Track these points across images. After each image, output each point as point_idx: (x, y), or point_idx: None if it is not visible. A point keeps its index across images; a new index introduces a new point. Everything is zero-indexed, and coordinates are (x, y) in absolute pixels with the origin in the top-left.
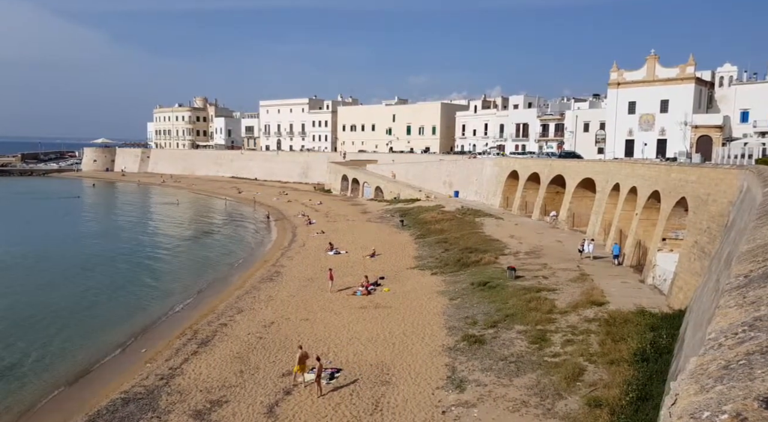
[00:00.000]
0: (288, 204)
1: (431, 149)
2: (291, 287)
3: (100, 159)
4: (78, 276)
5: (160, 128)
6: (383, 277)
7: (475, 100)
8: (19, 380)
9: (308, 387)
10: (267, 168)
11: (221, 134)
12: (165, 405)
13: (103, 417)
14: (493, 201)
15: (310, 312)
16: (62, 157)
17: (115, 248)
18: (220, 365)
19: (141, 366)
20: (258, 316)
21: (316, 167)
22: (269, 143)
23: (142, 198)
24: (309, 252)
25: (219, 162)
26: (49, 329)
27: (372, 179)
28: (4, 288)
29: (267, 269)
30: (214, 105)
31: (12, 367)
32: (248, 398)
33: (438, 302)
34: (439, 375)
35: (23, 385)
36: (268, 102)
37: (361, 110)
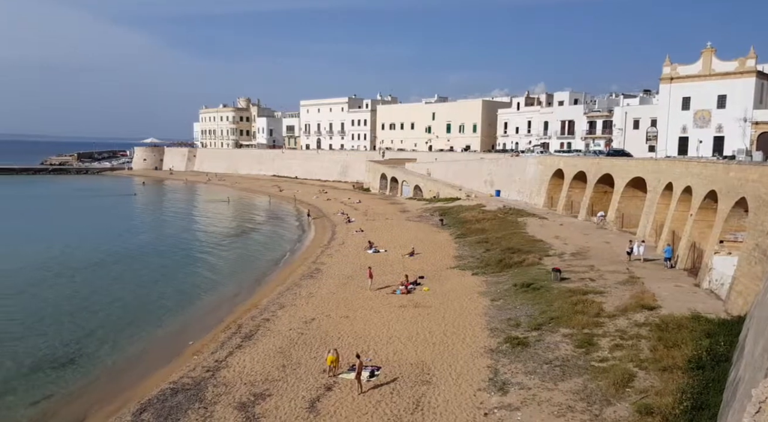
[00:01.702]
0: (327, 202)
1: (472, 147)
2: (331, 285)
3: (149, 158)
4: (132, 270)
5: (205, 128)
6: (423, 276)
7: (518, 97)
8: (78, 368)
9: (348, 383)
10: (307, 167)
11: (263, 134)
12: (211, 397)
13: (154, 406)
14: (536, 201)
15: (350, 310)
16: (114, 156)
17: (166, 244)
18: (263, 359)
19: (188, 358)
20: (299, 312)
21: (355, 166)
22: (309, 142)
23: (191, 196)
24: (348, 250)
25: (261, 161)
26: (104, 321)
27: (411, 177)
28: (68, 281)
29: (307, 267)
30: (256, 105)
31: (72, 356)
32: (290, 392)
33: (479, 303)
34: (481, 376)
35: (83, 374)
36: (308, 102)
37: (400, 108)
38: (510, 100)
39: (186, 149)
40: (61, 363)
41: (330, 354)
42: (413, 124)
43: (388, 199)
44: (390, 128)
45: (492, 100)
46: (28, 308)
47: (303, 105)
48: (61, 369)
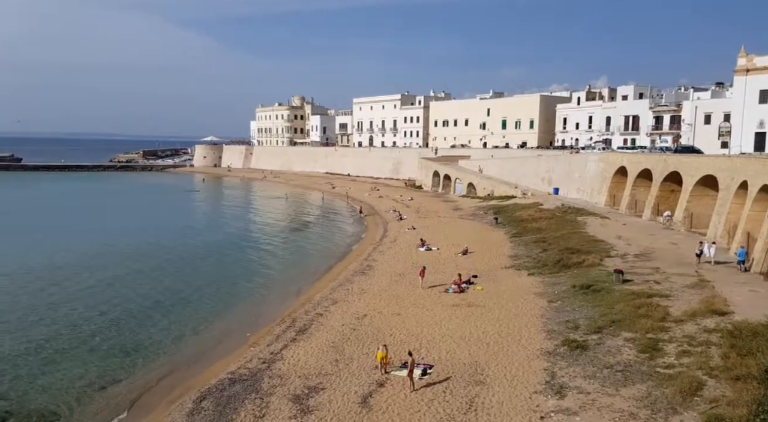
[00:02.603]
0: (379, 200)
1: (528, 143)
2: (383, 282)
3: (209, 156)
4: (194, 264)
5: (261, 126)
6: (476, 275)
7: (579, 91)
8: (144, 356)
9: (400, 381)
10: (359, 164)
11: (317, 132)
12: (267, 388)
13: (213, 394)
14: (597, 199)
15: (402, 307)
16: (177, 154)
17: (226, 238)
18: (317, 353)
19: (246, 350)
20: (351, 308)
21: (407, 163)
22: (362, 139)
23: (248, 192)
24: (400, 248)
25: (314, 158)
26: (168, 311)
27: (464, 175)
28: (137, 273)
29: (359, 263)
30: (310, 103)
31: (138, 345)
32: (343, 387)
33: (535, 304)
34: (537, 379)
35: (148, 361)
36: (360, 99)
37: (453, 104)
38: (569, 94)
39: (243, 146)
40: (128, 351)
41: (380, 351)
42: (467, 120)
43: (440, 197)
44: (443, 125)
45: (550, 95)
46: (103, 297)
47: (356, 103)
48: (128, 356)
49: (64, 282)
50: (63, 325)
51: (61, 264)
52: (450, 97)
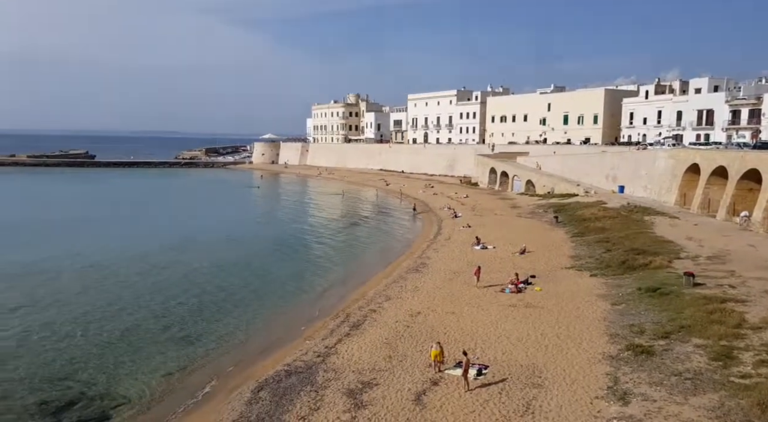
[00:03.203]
0: (434, 197)
1: (592, 139)
2: (437, 280)
3: (267, 153)
4: (256, 256)
5: (317, 124)
6: (534, 275)
7: (647, 85)
8: (205, 345)
9: (455, 380)
10: (413, 161)
11: (371, 128)
12: (322, 381)
13: (270, 385)
14: (666, 198)
15: (457, 306)
16: (237, 151)
17: (284, 233)
18: (370, 349)
19: (301, 343)
20: (405, 305)
21: (463, 160)
22: (416, 136)
23: (305, 189)
24: (454, 246)
25: (369, 155)
26: (227, 302)
27: (522, 172)
28: (200, 264)
29: (413, 260)
30: (365, 101)
31: (200, 334)
32: (396, 383)
33: (597, 307)
34: (599, 384)
35: (209, 350)
36: (415, 96)
37: (512, 99)
38: (637, 88)
39: (299, 143)
40: (190, 340)
41: (434, 349)
42: (526, 116)
43: (497, 194)
44: (501, 121)
45: (616, 88)
46: (167, 287)
47: (410, 99)
48: (190, 345)
49: (142, 273)
50: (140, 314)
51: (138, 256)
52: (508, 92)
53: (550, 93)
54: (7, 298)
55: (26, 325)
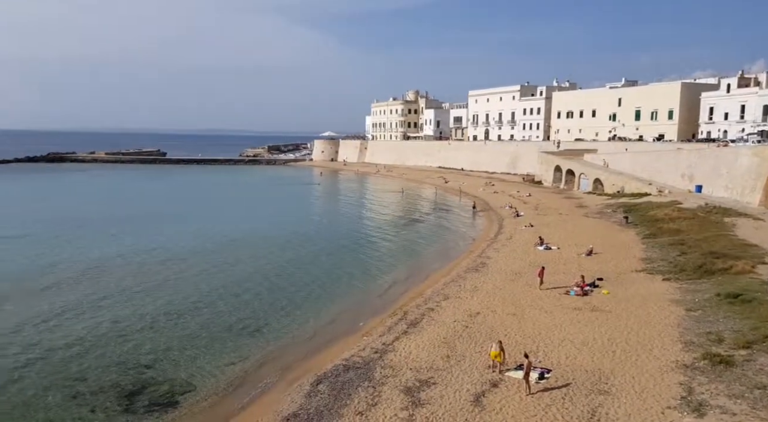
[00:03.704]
0: (494, 195)
1: (666, 136)
2: (497, 280)
3: (326, 150)
4: (314, 252)
5: (376, 121)
6: (601, 278)
7: (729, 77)
8: (266, 337)
9: (516, 383)
10: (473, 158)
11: (430, 125)
12: (379, 377)
13: (329, 379)
14: (749, 199)
15: (518, 307)
16: (297, 148)
17: (345, 229)
18: (428, 347)
19: (359, 338)
20: (464, 305)
21: (526, 158)
22: (477, 133)
23: (364, 186)
24: (516, 245)
25: (427, 152)
26: (287, 296)
27: (590, 170)
28: (263, 258)
29: (473, 260)
30: (424, 97)
31: (261, 326)
32: (455, 383)
33: (670, 312)
34: (671, 393)
35: (270, 342)
36: (476, 91)
37: (579, 94)
38: (718, 81)
39: (358, 141)
40: (253, 332)
41: (493, 349)
42: (594, 111)
43: (562, 193)
44: (567, 117)
45: (694, 82)
46: (234, 281)
47: (471, 95)
48: (253, 336)
49: (213, 267)
50: (209, 306)
51: (209, 251)
52: (575, 87)
53: (621, 87)
54: (96, 289)
55: (111, 313)
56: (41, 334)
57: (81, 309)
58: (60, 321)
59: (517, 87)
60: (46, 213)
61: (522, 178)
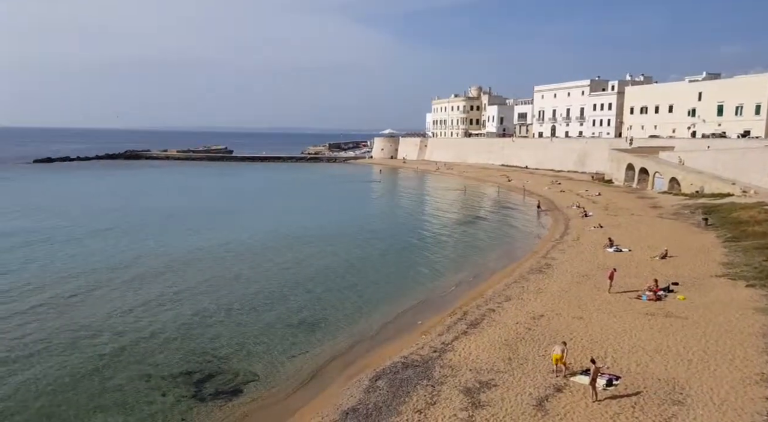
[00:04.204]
0: (561, 194)
1: (753, 132)
2: (562, 282)
3: (386, 148)
4: (376, 248)
5: (437, 118)
6: (677, 283)
7: None
8: (325, 332)
9: (581, 389)
10: (538, 156)
11: (493, 122)
12: (438, 376)
13: (387, 375)
14: None
15: (584, 311)
16: (357, 146)
17: (404, 227)
18: (489, 348)
19: (417, 337)
20: (526, 307)
21: (595, 155)
22: (542, 129)
23: (424, 184)
24: (583, 247)
25: (490, 150)
26: (349, 292)
27: (665, 168)
28: (327, 256)
29: (536, 261)
30: (487, 93)
31: (322, 321)
32: (516, 386)
33: (755, 321)
34: (756, 407)
35: (329, 337)
36: (543, 87)
37: (655, 88)
38: None
39: (418, 138)
40: (316, 326)
41: (555, 352)
42: (671, 106)
43: (634, 192)
44: (640, 112)
45: None
46: (299, 276)
47: (537, 91)
48: (316, 330)
49: (279, 262)
50: (275, 299)
51: (275, 247)
52: (650, 81)
53: (702, 81)
54: (175, 281)
55: (186, 304)
56: (124, 321)
57: (161, 300)
58: (142, 310)
59: (587, 82)
60: (128, 208)
61: (591, 176)
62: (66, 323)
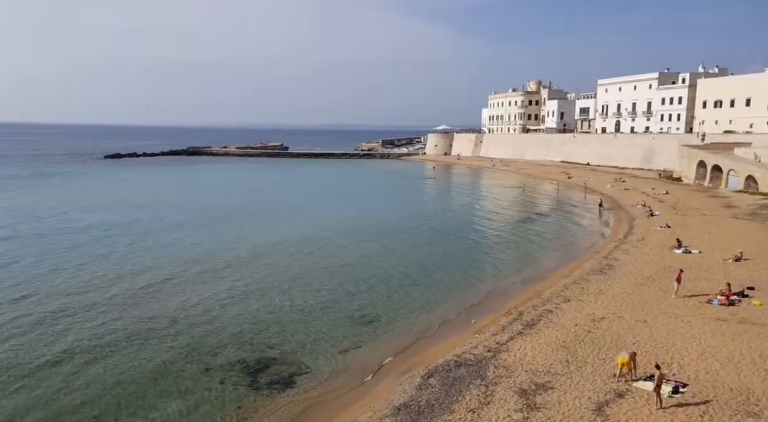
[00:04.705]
0: (625, 192)
1: None
2: (625, 284)
3: (440, 144)
4: (431, 244)
5: (493, 114)
6: (752, 287)
7: None
8: (376, 327)
9: (645, 395)
10: (601, 152)
11: (553, 117)
12: (492, 377)
13: (440, 373)
14: None
15: (649, 314)
16: (410, 142)
17: (461, 224)
18: (545, 350)
19: (470, 336)
20: (586, 308)
21: (663, 151)
22: (606, 125)
23: (480, 181)
24: (649, 248)
25: (548, 146)
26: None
27: (741, 165)
28: (386, 252)
29: (597, 261)
30: (547, 88)
31: (378, 317)
32: (575, 390)
33: None
34: None
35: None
36: (607, 80)
37: (730, 81)
38: None
39: (473, 134)
40: (369, 320)
41: (622, 357)
42: (748, 100)
43: (705, 191)
44: (714, 106)
45: None
46: (354, 270)
47: (601, 84)
48: (369, 325)
49: (334, 256)
50: (330, 294)
51: (331, 242)
52: (726, 73)
53: None
54: (238, 275)
55: (245, 297)
56: (190, 312)
57: (226, 293)
58: (208, 301)
59: (655, 75)
60: (198, 202)
61: (659, 174)
62: (140, 313)
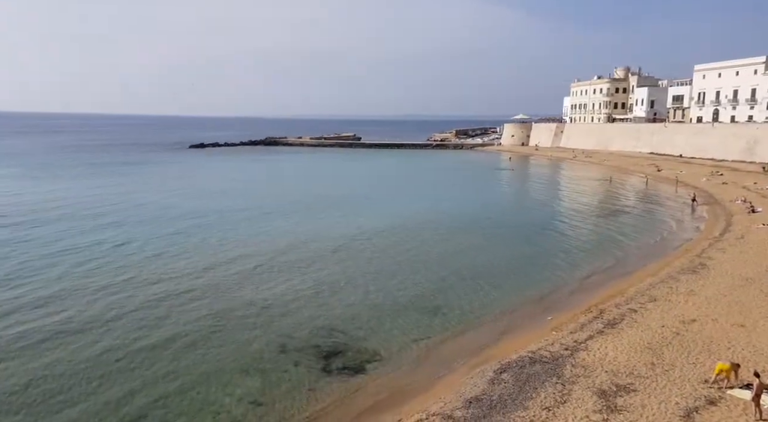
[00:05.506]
0: (722, 187)
1: None
2: (720, 285)
3: (517, 134)
4: (505, 236)
5: (576, 102)
6: None
7: None
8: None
9: (740, 404)
10: (696, 143)
11: (642, 106)
12: (569, 375)
13: (513, 369)
14: None
15: (748, 318)
16: (486, 133)
17: (541, 218)
18: (628, 351)
19: (547, 333)
20: (675, 309)
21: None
22: (702, 114)
23: (561, 173)
24: (749, 246)
25: (636, 136)
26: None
27: None
28: (461, 244)
29: (689, 260)
30: (636, 74)
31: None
32: (660, 394)
33: None
34: None
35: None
36: (705, 66)
37: None
38: None
39: (553, 124)
40: (442, 312)
41: (722, 363)
42: None
43: None
44: None
45: None
46: (431, 261)
47: (698, 70)
48: (441, 316)
49: (411, 247)
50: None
51: (407, 232)
52: None
53: None
54: (320, 265)
55: (322, 285)
56: (271, 298)
57: (305, 281)
58: (287, 289)
59: (762, 58)
60: (279, 192)
61: (762, 167)
62: (230, 298)
